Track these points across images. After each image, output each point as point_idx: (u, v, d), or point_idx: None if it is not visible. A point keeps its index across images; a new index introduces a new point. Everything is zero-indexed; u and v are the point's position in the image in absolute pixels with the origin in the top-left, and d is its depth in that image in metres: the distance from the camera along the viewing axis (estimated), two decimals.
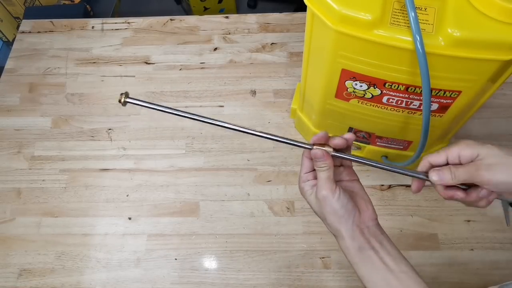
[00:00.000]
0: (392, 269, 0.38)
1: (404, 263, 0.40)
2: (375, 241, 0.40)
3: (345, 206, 0.40)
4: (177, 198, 0.75)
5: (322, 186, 0.40)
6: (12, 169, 0.80)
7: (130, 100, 0.41)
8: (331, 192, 0.40)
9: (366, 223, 0.41)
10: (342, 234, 0.40)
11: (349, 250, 0.40)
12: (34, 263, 0.70)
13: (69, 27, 0.99)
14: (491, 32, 0.42)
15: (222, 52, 0.92)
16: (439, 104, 0.53)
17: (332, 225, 0.40)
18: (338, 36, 0.47)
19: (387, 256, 0.39)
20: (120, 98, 0.41)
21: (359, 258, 0.39)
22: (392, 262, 0.39)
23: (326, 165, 0.40)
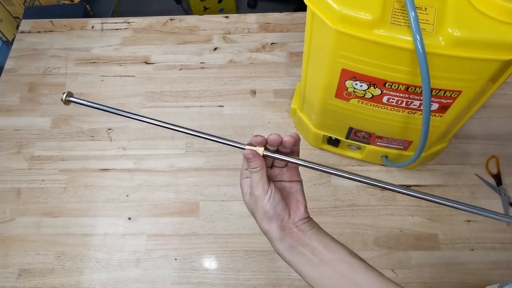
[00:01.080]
0: (325, 259, 0.38)
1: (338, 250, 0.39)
2: (305, 237, 0.40)
3: (274, 208, 0.40)
4: (177, 198, 0.75)
5: (254, 186, 0.41)
6: (12, 169, 0.80)
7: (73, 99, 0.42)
8: (263, 193, 0.40)
9: (296, 223, 0.41)
10: (271, 235, 0.40)
11: (281, 251, 0.40)
12: (33, 263, 0.70)
13: (69, 27, 0.99)
14: (491, 32, 0.42)
15: (222, 52, 0.92)
16: (439, 104, 0.53)
17: (262, 225, 0.41)
18: (338, 36, 0.47)
19: (318, 248, 0.39)
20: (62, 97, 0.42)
21: (292, 257, 0.39)
22: (325, 250, 0.39)
23: (258, 165, 0.40)
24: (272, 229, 0.40)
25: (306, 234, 0.40)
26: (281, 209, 0.41)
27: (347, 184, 0.74)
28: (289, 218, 0.41)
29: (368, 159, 0.75)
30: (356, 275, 0.37)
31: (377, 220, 0.71)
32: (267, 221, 0.40)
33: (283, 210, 0.41)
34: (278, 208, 0.40)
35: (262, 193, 0.40)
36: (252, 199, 0.41)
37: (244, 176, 0.43)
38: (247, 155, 0.40)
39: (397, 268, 0.67)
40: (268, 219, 0.40)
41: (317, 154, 0.78)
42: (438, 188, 0.73)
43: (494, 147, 0.77)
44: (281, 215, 0.40)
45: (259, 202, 0.40)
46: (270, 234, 0.41)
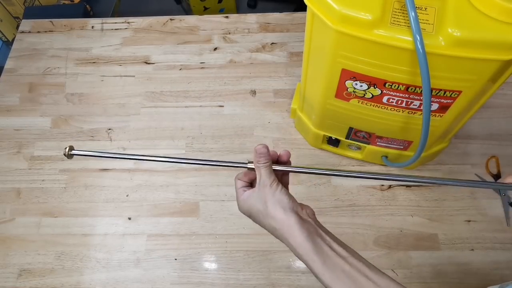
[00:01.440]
0: (342, 255, 0.38)
1: (350, 249, 0.39)
2: (321, 230, 0.40)
3: (290, 196, 0.40)
4: (177, 198, 0.75)
5: (265, 180, 0.41)
6: (11, 169, 0.80)
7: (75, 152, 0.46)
8: (276, 183, 0.41)
9: (309, 215, 0.41)
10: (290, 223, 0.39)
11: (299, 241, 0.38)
12: (33, 263, 0.70)
13: (69, 27, 0.99)
14: (491, 32, 0.42)
15: (222, 52, 0.92)
16: (439, 104, 0.53)
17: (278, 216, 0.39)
18: (338, 36, 0.47)
19: (333, 243, 0.39)
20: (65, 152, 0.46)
21: (310, 248, 0.38)
22: (340, 247, 0.39)
23: (268, 160, 0.42)
24: (291, 216, 0.39)
25: (322, 228, 0.40)
26: (293, 199, 0.41)
27: (347, 184, 0.74)
28: (302, 209, 0.41)
29: (368, 159, 0.75)
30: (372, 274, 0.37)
31: (377, 220, 0.71)
32: (283, 209, 0.39)
33: (295, 201, 0.41)
34: (292, 197, 0.40)
35: (275, 183, 0.40)
36: (261, 193, 0.41)
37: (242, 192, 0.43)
38: (261, 149, 0.41)
39: (397, 268, 0.67)
40: (284, 207, 0.39)
41: (317, 154, 0.78)
42: (438, 188, 0.73)
43: (494, 147, 0.77)
44: (295, 204, 0.40)
45: (271, 193, 0.40)
46: (289, 223, 0.39)
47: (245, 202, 0.43)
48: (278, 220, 0.40)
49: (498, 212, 0.71)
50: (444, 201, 0.72)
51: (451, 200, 0.72)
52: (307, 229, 0.39)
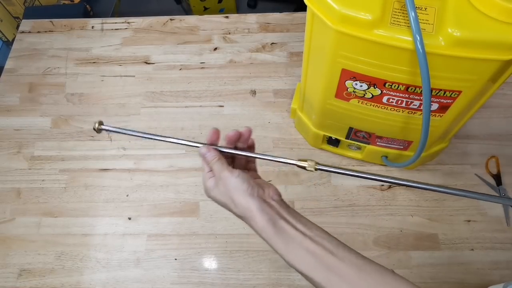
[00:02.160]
0: (307, 235, 0.38)
1: (316, 228, 0.39)
2: (284, 212, 0.40)
3: (247, 180, 0.40)
4: (177, 198, 0.75)
5: (220, 171, 0.41)
6: (12, 169, 0.80)
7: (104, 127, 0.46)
8: (229, 172, 0.41)
9: (272, 196, 0.41)
10: (250, 208, 0.39)
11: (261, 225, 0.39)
12: (34, 263, 0.70)
13: (69, 27, 0.99)
14: (491, 32, 0.42)
15: (222, 52, 0.92)
16: (439, 104, 0.53)
17: (240, 202, 0.40)
18: (338, 36, 0.47)
19: (298, 223, 0.39)
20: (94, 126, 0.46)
21: (272, 231, 0.38)
22: (304, 227, 0.39)
23: (215, 156, 0.43)
24: (251, 201, 0.39)
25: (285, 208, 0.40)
26: (253, 182, 0.41)
27: (347, 184, 0.74)
28: (264, 192, 0.41)
29: (368, 159, 0.75)
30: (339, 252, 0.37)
31: (377, 220, 0.71)
32: (242, 194, 0.40)
33: (255, 184, 0.41)
34: (251, 181, 0.41)
35: (229, 173, 0.41)
36: (221, 186, 0.41)
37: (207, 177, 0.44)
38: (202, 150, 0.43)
39: (397, 268, 0.67)
40: (243, 192, 0.40)
41: (317, 154, 0.78)
42: None
43: (494, 147, 0.77)
44: (255, 187, 0.40)
45: (229, 182, 0.40)
46: (250, 207, 0.39)
47: (209, 192, 0.43)
48: (239, 207, 0.40)
49: (498, 212, 0.71)
50: (444, 201, 0.72)
51: (451, 200, 0.72)
52: (268, 212, 0.39)
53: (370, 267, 0.36)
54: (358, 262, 0.36)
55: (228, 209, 0.42)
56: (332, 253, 0.37)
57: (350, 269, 0.36)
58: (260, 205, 0.39)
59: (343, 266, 0.36)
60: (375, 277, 0.36)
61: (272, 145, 0.79)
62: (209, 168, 0.44)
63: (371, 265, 0.37)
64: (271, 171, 0.76)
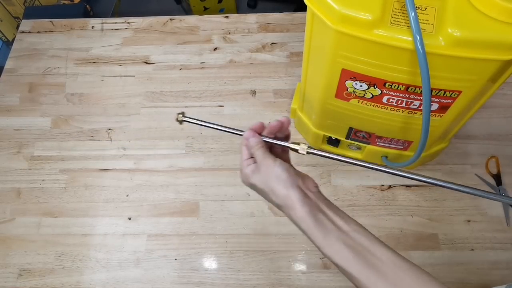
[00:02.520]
0: (344, 230, 0.38)
1: (354, 222, 0.39)
2: (323, 204, 0.40)
3: (287, 170, 0.40)
4: (177, 198, 0.75)
5: (262, 159, 0.41)
6: (12, 169, 0.80)
7: (186, 119, 0.47)
8: (272, 160, 0.41)
9: (311, 188, 0.41)
10: (291, 198, 0.39)
11: (300, 216, 0.39)
12: (34, 263, 0.70)
13: (69, 27, 0.99)
14: (491, 32, 0.42)
15: (222, 52, 0.92)
16: (439, 104, 0.53)
17: (280, 192, 0.40)
18: (338, 36, 0.47)
19: (336, 217, 0.39)
20: (177, 117, 0.46)
21: (311, 223, 0.38)
22: (342, 221, 0.39)
23: (259, 142, 0.43)
24: (291, 191, 0.39)
25: (323, 201, 0.40)
26: (293, 172, 0.41)
27: (347, 184, 0.74)
28: (303, 183, 0.41)
29: (368, 159, 0.75)
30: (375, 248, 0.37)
31: (377, 220, 0.71)
32: (283, 184, 0.40)
33: (296, 174, 0.41)
34: (291, 170, 0.41)
35: (271, 161, 0.41)
36: (263, 173, 0.41)
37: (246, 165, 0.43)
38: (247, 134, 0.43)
39: None
40: (284, 182, 0.40)
41: None
42: (437, 188, 0.73)
43: (494, 147, 0.77)
44: (296, 177, 0.41)
45: (271, 170, 0.40)
46: (290, 197, 0.39)
47: (249, 178, 0.43)
48: (280, 196, 0.40)
49: (498, 212, 0.71)
50: (444, 201, 0.72)
51: (451, 200, 0.72)
52: (308, 204, 0.39)
53: (407, 265, 0.37)
54: (395, 260, 0.37)
55: (266, 197, 0.42)
56: (369, 249, 0.37)
57: (387, 266, 0.36)
58: (301, 196, 0.39)
59: (380, 262, 0.36)
60: (411, 275, 0.36)
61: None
62: (248, 155, 0.44)
63: (407, 264, 0.37)
64: None
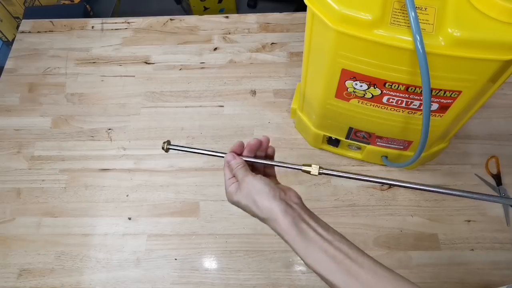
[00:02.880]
0: (326, 239, 0.39)
1: (336, 233, 0.40)
2: (305, 215, 0.41)
3: (268, 184, 0.42)
4: (177, 198, 0.75)
5: (242, 177, 0.43)
6: (12, 169, 0.80)
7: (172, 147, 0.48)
8: (252, 177, 0.43)
9: (293, 199, 0.42)
10: (274, 210, 0.40)
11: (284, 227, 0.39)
12: (34, 263, 0.70)
13: (69, 27, 0.99)
14: (491, 32, 0.42)
15: (222, 52, 0.92)
16: (439, 104, 0.53)
17: (263, 205, 0.41)
18: (338, 36, 0.47)
19: (319, 227, 0.40)
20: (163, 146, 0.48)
21: (294, 233, 0.39)
22: (325, 232, 0.39)
23: (239, 163, 0.44)
24: (274, 203, 0.40)
25: (307, 212, 0.41)
26: (274, 185, 0.42)
27: (347, 184, 0.74)
28: (285, 195, 0.42)
29: (368, 159, 0.75)
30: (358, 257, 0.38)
31: (377, 220, 0.71)
32: (266, 197, 0.41)
33: (277, 187, 0.42)
34: (272, 184, 0.42)
35: (251, 178, 0.42)
36: (244, 190, 0.42)
37: (230, 184, 0.45)
38: (227, 157, 0.45)
39: (397, 268, 0.66)
40: (266, 195, 0.41)
41: (317, 154, 0.78)
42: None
43: (494, 147, 0.77)
44: (277, 190, 0.42)
45: (252, 185, 0.42)
46: (273, 209, 0.40)
47: (232, 196, 0.44)
48: (263, 209, 0.41)
49: (498, 212, 0.71)
50: (444, 201, 0.72)
51: (451, 200, 0.72)
52: (291, 214, 0.40)
53: (388, 274, 0.37)
54: (376, 269, 0.37)
55: (251, 212, 0.43)
56: (351, 258, 0.37)
57: (369, 275, 0.37)
58: (283, 207, 0.40)
59: (362, 271, 0.37)
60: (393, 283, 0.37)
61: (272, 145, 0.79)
62: (230, 175, 0.45)
63: (389, 272, 0.38)
64: None
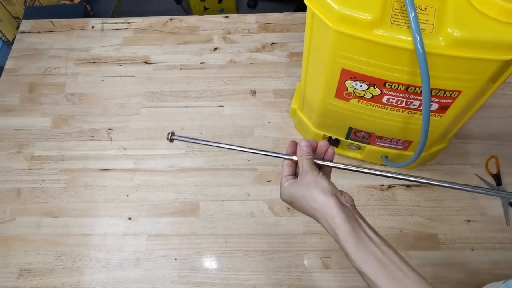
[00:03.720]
0: (375, 242, 0.40)
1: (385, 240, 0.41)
2: (358, 216, 0.42)
3: (329, 181, 0.43)
4: (177, 198, 0.75)
5: (307, 169, 0.45)
6: (12, 169, 0.80)
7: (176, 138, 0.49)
8: (316, 171, 0.44)
9: (348, 201, 0.43)
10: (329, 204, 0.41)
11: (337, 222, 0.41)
12: (34, 263, 0.70)
13: (69, 27, 0.99)
14: (491, 32, 0.42)
15: (222, 52, 0.92)
16: (439, 104, 0.53)
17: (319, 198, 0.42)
18: (338, 36, 0.47)
19: (368, 229, 0.41)
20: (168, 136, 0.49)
21: (346, 229, 0.40)
22: (375, 235, 0.41)
23: (310, 153, 0.46)
24: (330, 199, 0.41)
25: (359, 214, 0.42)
26: (333, 185, 0.43)
27: (347, 184, 0.74)
28: (341, 195, 0.43)
29: (368, 159, 0.75)
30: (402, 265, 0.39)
31: (377, 220, 0.71)
32: (323, 192, 0.42)
33: (335, 187, 0.43)
34: (332, 183, 0.44)
35: (316, 172, 0.44)
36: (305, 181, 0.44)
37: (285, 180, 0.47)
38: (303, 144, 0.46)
39: None
40: (325, 192, 0.42)
41: None
42: (437, 188, 0.73)
43: (494, 147, 0.77)
44: (336, 189, 0.43)
45: (313, 180, 0.43)
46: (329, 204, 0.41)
47: (287, 188, 0.46)
48: (319, 202, 0.42)
49: (498, 212, 0.71)
50: (444, 201, 0.72)
51: (451, 200, 0.72)
52: (346, 212, 0.41)
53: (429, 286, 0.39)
54: (421, 281, 0.39)
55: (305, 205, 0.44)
56: (397, 264, 0.39)
57: (413, 284, 0.38)
58: (339, 203, 0.42)
59: (407, 280, 0.38)
60: None
61: (272, 145, 0.79)
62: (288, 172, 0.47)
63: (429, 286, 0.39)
64: (271, 172, 0.77)
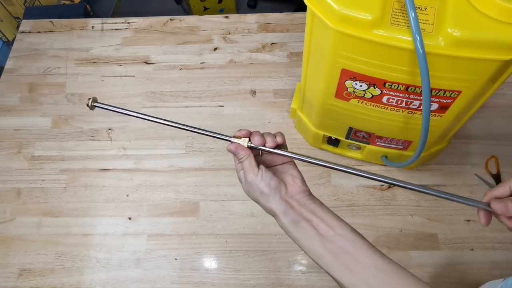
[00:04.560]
0: (327, 235, 0.40)
1: (340, 226, 0.41)
2: (307, 212, 0.42)
3: (268, 184, 0.42)
4: (177, 198, 0.75)
5: (246, 172, 0.44)
6: (12, 169, 0.80)
7: (98, 105, 0.45)
8: (255, 176, 0.43)
9: (295, 196, 0.43)
10: (274, 211, 0.42)
11: (285, 226, 0.42)
12: (34, 263, 0.70)
13: (69, 27, 0.99)
14: (491, 32, 0.42)
15: (222, 52, 0.92)
16: (439, 104, 0.53)
17: (265, 205, 0.43)
18: (338, 36, 0.47)
19: (320, 224, 0.41)
20: (88, 103, 0.45)
21: (295, 231, 0.41)
22: (326, 227, 0.41)
23: (244, 154, 0.44)
24: (274, 204, 0.42)
25: (308, 208, 0.42)
26: (275, 184, 0.43)
27: (346, 184, 0.74)
28: (286, 192, 0.43)
29: (368, 159, 0.75)
30: (358, 252, 0.39)
31: (377, 220, 0.71)
32: (266, 198, 0.42)
33: (278, 185, 0.43)
34: (272, 183, 0.42)
35: (253, 176, 0.43)
36: (248, 185, 0.44)
37: (239, 170, 0.46)
38: (231, 149, 0.44)
39: None
40: (266, 196, 0.42)
41: (317, 154, 0.78)
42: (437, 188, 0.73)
43: (494, 147, 0.77)
44: (278, 189, 0.42)
45: (254, 185, 0.43)
46: (274, 210, 0.42)
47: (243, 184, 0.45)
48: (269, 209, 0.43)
49: None
50: (443, 200, 0.72)
51: None
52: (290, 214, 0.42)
53: (389, 267, 0.38)
54: (377, 262, 0.38)
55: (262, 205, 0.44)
56: (351, 254, 0.39)
57: (368, 269, 0.38)
58: (283, 207, 0.42)
59: (361, 266, 0.38)
60: (393, 277, 0.37)
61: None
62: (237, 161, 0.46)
63: (390, 265, 0.38)
64: None
